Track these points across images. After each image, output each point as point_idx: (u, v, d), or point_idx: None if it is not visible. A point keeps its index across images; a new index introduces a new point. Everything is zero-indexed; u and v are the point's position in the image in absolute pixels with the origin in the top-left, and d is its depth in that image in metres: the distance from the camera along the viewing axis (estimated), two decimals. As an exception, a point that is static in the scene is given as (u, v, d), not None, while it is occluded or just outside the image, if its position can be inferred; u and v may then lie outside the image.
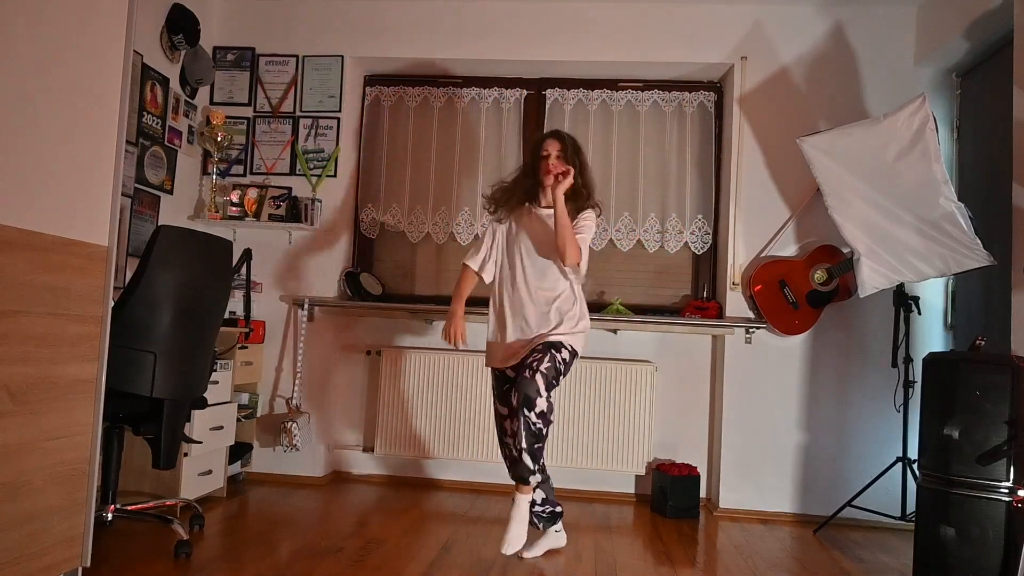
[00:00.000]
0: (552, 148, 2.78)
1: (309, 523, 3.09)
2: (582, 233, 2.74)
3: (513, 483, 2.63)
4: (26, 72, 1.83)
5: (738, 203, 3.78)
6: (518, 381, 2.56)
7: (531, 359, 2.60)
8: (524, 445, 2.51)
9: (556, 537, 2.83)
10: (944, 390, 2.58)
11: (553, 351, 2.62)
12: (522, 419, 2.50)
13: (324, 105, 4.01)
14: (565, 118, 4.06)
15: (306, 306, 3.89)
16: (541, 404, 2.50)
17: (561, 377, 2.63)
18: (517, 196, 2.84)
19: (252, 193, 3.91)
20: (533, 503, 2.69)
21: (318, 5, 4.03)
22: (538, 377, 2.52)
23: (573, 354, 2.70)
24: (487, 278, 2.87)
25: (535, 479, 2.57)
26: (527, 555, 2.70)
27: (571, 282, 2.78)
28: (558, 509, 2.81)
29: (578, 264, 2.70)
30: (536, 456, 2.54)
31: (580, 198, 2.78)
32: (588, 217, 2.79)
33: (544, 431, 2.53)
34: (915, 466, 2.98)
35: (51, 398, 1.95)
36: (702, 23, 3.83)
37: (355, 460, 4.03)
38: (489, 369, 2.88)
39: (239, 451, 3.70)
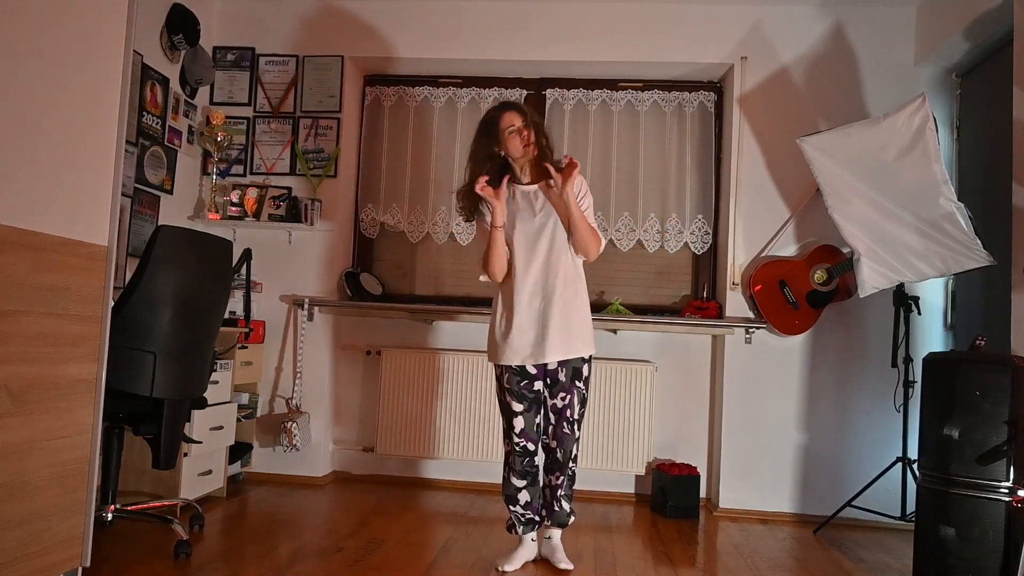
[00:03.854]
0: (517, 120, 2.60)
1: (309, 523, 3.09)
2: (589, 210, 2.65)
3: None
4: (26, 72, 1.83)
5: (738, 203, 3.78)
6: (560, 435, 2.63)
7: (564, 406, 2.63)
8: (566, 492, 2.68)
9: (531, 547, 2.68)
10: (944, 390, 2.58)
11: (576, 384, 2.64)
12: (567, 472, 2.66)
13: (324, 105, 4.01)
14: (565, 118, 4.06)
15: (306, 306, 3.89)
16: (576, 449, 2.69)
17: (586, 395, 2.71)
18: (493, 179, 2.60)
19: (252, 193, 3.91)
20: (518, 503, 2.65)
21: (318, 5, 4.03)
22: (575, 428, 2.65)
23: (591, 361, 2.70)
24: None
25: (572, 519, 2.72)
26: (508, 568, 2.58)
27: (575, 264, 2.67)
28: (537, 519, 2.69)
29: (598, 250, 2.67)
30: (571, 497, 2.71)
31: (551, 154, 2.65)
32: (584, 185, 2.65)
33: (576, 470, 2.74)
34: (915, 466, 2.98)
35: (51, 398, 1.95)
36: (702, 23, 3.83)
37: (355, 460, 4.03)
38: (494, 366, 2.69)
39: (239, 451, 3.70)
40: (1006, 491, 2.40)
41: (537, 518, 2.70)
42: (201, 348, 2.71)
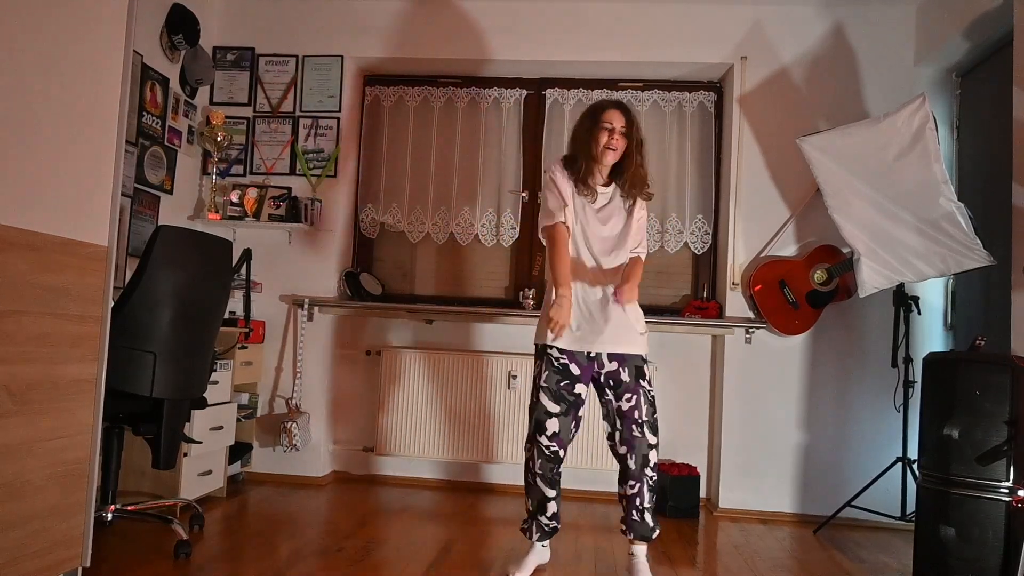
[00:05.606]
0: (617, 121, 2.49)
1: (309, 523, 3.09)
2: (643, 237, 2.67)
3: (522, 486, 2.61)
4: (26, 72, 1.83)
5: (738, 203, 3.78)
6: (630, 440, 2.45)
7: (631, 407, 2.46)
8: (648, 505, 2.49)
9: (543, 552, 2.62)
10: (944, 390, 2.58)
11: (642, 383, 2.49)
12: (644, 481, 2.47)
13: (324, 105, 4.01)
14: (565, 118, 4.06)
15: (306, 306, 3.89)
16: (655, 456, 2.47)
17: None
18: (588, 174, 2.55)
19: (252, 193, 3.91)
20: (545, 513, 2.55)
21: (318, 5, 4.03)
22: (646, 431, 2.46)
23: (648, 364, 2.58)
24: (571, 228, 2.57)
25: (656, 533, 2.53)
26: (519, 575, 2.51)
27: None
28: (558, 526, 2.61)
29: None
30: (656, 511, 2.52)
31: (643, 184, 2.57)
32: (645, 218, 2.67)
33: (657, 479, 2.52)
34: (915, 466, 2.98)
35: (51, 398, 1.95)
36: (702, 23, 3.83)
37: (355, 460, 4.03)
38: (542, 358, 2.54)
39: (239, 451, 3.70)
40: (1006, 491, 2.40)
41: (559, 526, 2.61)
42: (201, 348, 2.71)
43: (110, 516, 2.65)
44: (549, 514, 2.55)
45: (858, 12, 3.75)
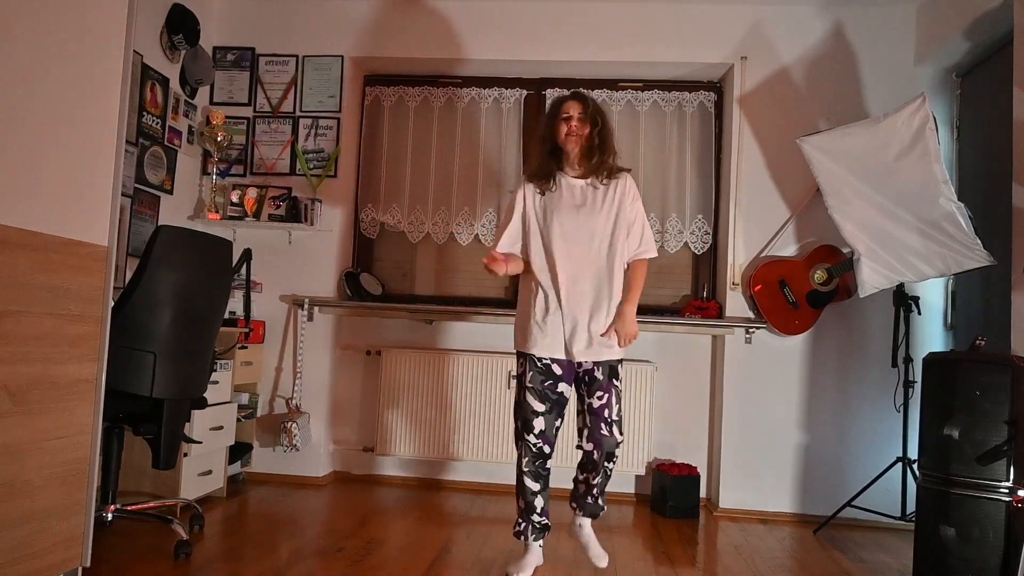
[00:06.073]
0: (574, 110, 2.59)
1: (309, 523, 3.09)
2: (642, 214, 2.65)
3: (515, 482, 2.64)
4: (26, 72, 1.83)
5: (738, 203, 3.78)
6: (598, 438, 2.52)
7: (602, 405, 2.53)
8: (601, 491, 2.64)
9: (539, 553, 2.62)
10: (944, 390, 2.58)
11: (614, 382, 2.56)
12: (604, 471, 2.59)
13: (324, 105, 4.01)
14: (565, 118, 4.05)
15: (306, 306, 3.89)
16: (619, 451, 2.60)
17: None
18: (546, 167, 2.64)
19: (252, 193, 3.91)
20: (536, 511, 2.59)
21: (318, 5, 4.03)
22: (614, 429, 2.55)
23: (622, 363, 2.66)
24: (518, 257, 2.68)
25: (604, 511, 2.71)
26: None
27: (618, 267, 2.61)
28: (550, 523, 2.65)
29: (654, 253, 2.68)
30: (604, 492, 2.67)
31: (607, 153, 2.61)
32: (635, 192, 2.65)
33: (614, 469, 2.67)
34: (915, 466, 2.98)
35: (51, 398, 1.95)
36: (702, 23, 3.83)
37: (355, 460, 4.03)
38: (525, 358, 2.60)
39: (239, 451, 3.70)
40: (1006, 491, 2.40)
41: (550, 523, 2.64)
42: (201, 348, 2.71)
43: (110, 516, 2.65)
44: (538, 509, 2.60)
45: (858, 12, 3.75)
